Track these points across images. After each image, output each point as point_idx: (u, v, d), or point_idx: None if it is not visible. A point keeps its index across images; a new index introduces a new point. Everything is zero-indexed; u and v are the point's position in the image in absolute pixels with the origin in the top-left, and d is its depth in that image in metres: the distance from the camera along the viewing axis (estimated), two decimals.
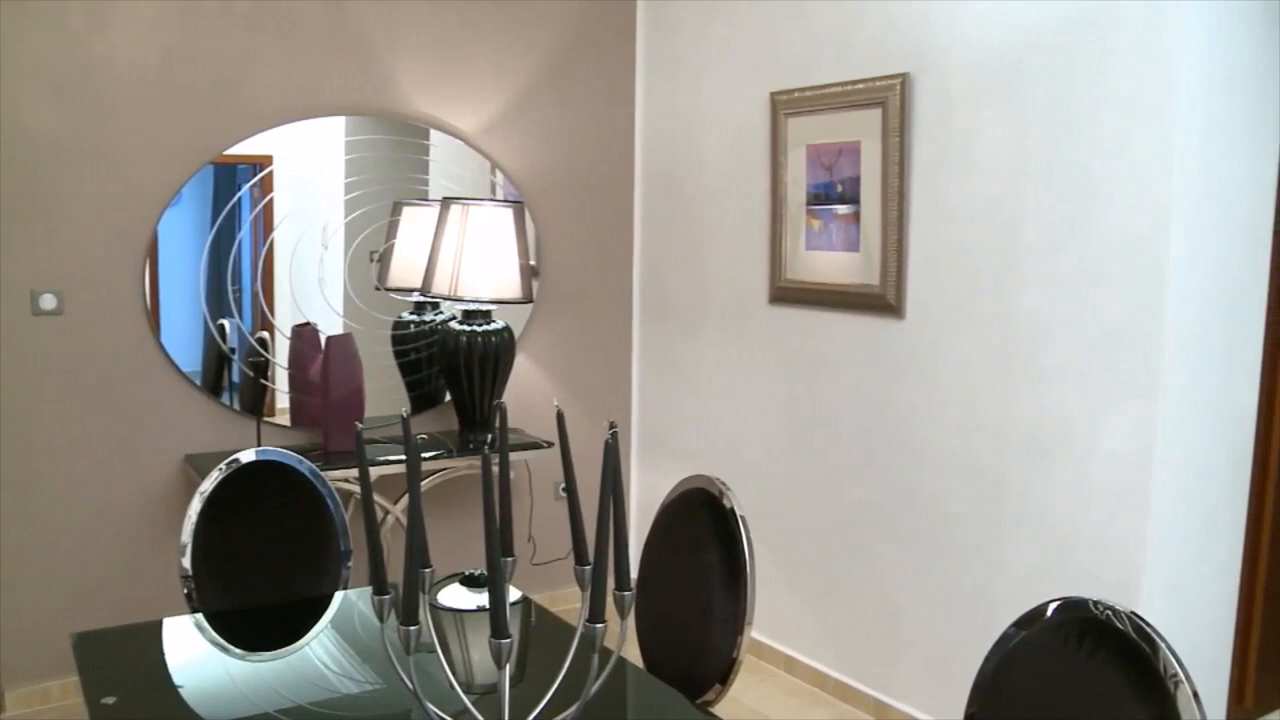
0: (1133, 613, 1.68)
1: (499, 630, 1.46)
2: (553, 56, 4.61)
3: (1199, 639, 3.31)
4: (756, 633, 4.28)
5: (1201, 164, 3.00)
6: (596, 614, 1.52)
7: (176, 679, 2.26)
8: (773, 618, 4.23)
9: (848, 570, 3.94)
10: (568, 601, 4.62)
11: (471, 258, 3.87)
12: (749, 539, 2.39)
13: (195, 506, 2.74)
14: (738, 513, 2.42)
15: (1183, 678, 1.58)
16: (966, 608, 3.48)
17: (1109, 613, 1.71)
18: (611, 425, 1.55)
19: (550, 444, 4.28)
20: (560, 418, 1.76)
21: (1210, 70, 2.99)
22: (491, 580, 1.45)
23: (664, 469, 4.86)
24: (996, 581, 3.39)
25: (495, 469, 1.55)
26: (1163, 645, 1.62)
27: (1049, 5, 3.16)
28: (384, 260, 4.26)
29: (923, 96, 3.53)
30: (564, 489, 1.93)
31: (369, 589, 1.82)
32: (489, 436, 4.15)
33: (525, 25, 4.52)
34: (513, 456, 4.25)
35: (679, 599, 2.55)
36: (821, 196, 3.89)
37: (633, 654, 2.53)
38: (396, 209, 4.28)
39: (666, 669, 2.46)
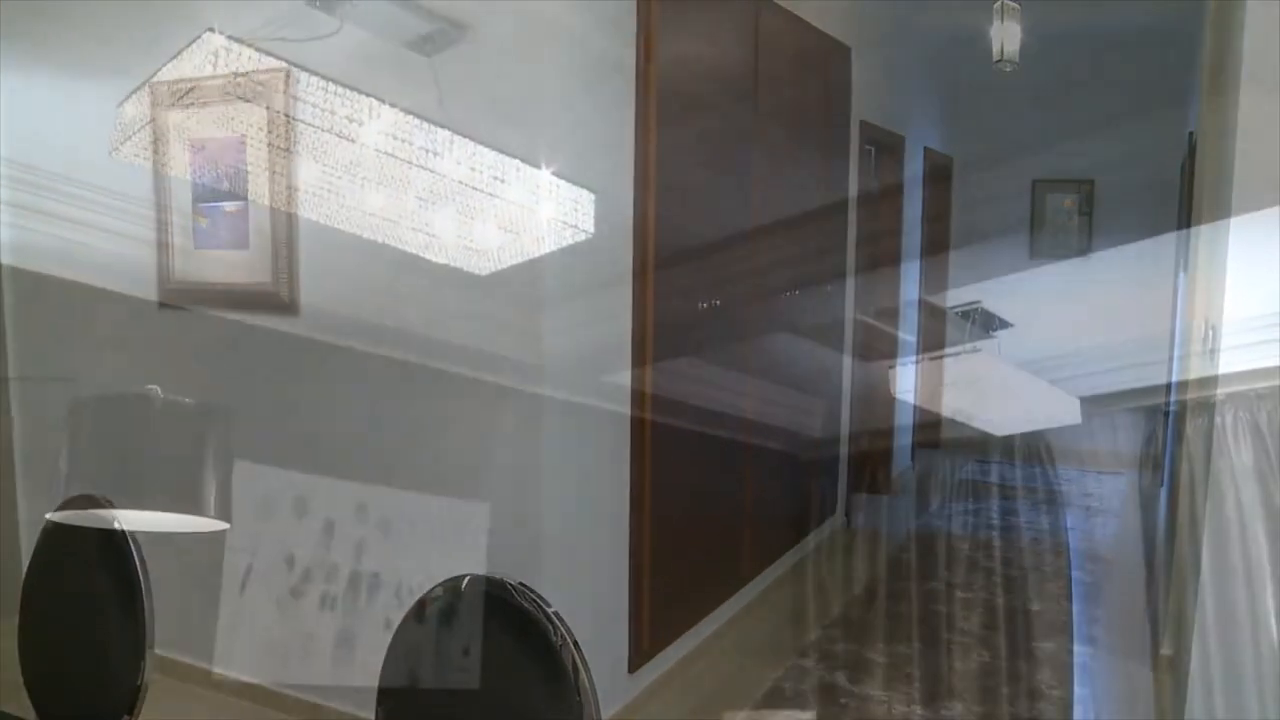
0: (521, 583, 1.74)
1: None
2: None
3: (601, 597, 3.61)
4: (178, 653, 4.00)
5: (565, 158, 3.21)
6: None
7: None
8: (196, 634, 3.98)
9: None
10: None
11: None
12: (141, 556, 2.21)
13: None
14: (128, 530, 2.24)
15: (565, 632, 1.67)
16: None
17: (497, 585, 1.76)
18: None
19: None
20: None
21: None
22: None
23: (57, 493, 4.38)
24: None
25: None
26: (547, 608, 1.70)
27: None
28: None
29: None
30: None
31: None
32: None
33: None
34: None
35: (71, 634, 2.31)
36: None
37: (21, 704, 2.26)
38: None
39: (64, 713, 2.23)
